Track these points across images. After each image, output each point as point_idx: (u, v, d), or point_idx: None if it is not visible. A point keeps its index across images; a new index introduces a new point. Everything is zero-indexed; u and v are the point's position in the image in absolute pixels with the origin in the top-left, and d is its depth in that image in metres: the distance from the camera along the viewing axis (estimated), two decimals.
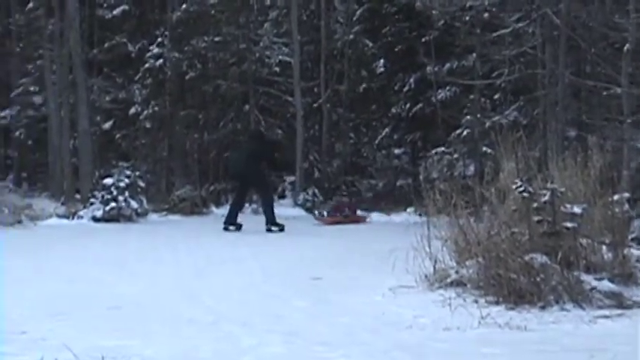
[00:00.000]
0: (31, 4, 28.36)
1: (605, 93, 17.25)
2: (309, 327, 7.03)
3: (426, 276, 8.95)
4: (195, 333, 6.74)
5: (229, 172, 19.63)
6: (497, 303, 7.96)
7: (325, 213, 20.59)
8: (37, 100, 28.58)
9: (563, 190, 8.53)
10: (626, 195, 9.41)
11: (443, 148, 22.54)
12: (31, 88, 28.82)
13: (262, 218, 17.30)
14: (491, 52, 20.28)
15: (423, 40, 24.30)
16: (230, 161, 19.03)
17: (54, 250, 13.47)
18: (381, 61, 26.16)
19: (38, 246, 14.06)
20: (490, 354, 6.16)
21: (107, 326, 6.87)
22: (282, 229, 17.06)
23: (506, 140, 9.77)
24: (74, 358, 5.55)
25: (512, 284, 8.04)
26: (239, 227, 17.38)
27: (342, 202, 22.99)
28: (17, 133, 29.71)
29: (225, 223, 17.45)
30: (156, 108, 26.07)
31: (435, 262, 9.03)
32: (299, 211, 22.78)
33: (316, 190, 24.11)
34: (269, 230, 17.00)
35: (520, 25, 19.39)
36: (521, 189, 8.41)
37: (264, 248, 13.87)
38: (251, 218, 19.31)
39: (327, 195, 24.56)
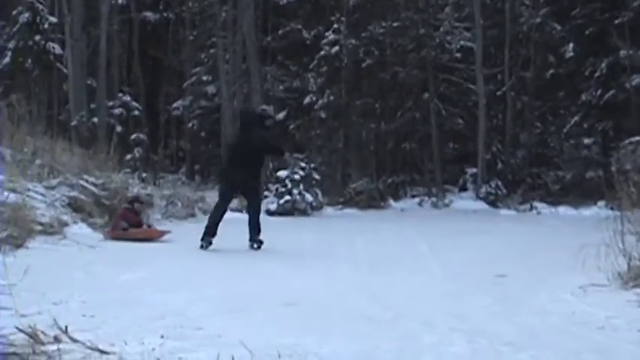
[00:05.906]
0: None
1: None
2: (493, 326, 6.76)
3: (619, 274, 8.52)
4: (374, 331, 6.57)
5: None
6: None
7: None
8: (210, 89, 28.98)
9: None
10: None
11: (638, 138, 21.85)
12: (204, 78, 29.31)
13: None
14: None
15: (617, 21, 24.06)
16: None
17: (228, 245, 13.02)
18: (570, 45, 25.69)
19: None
20: None
21: (283, 323, 6.80)
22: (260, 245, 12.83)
23: None
24: (250, 356, 5.52)
25: None
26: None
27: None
28: (190, 125, 30.08)
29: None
30: (331, 97, 26.07)
31: (630, 259, 8.61)
32: (481, 205, 23.23)
33: (499, 183, 24.03)
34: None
35: None
36: None
37: (442, 244, 13.69)
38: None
39: (512, 188, 24.42)
